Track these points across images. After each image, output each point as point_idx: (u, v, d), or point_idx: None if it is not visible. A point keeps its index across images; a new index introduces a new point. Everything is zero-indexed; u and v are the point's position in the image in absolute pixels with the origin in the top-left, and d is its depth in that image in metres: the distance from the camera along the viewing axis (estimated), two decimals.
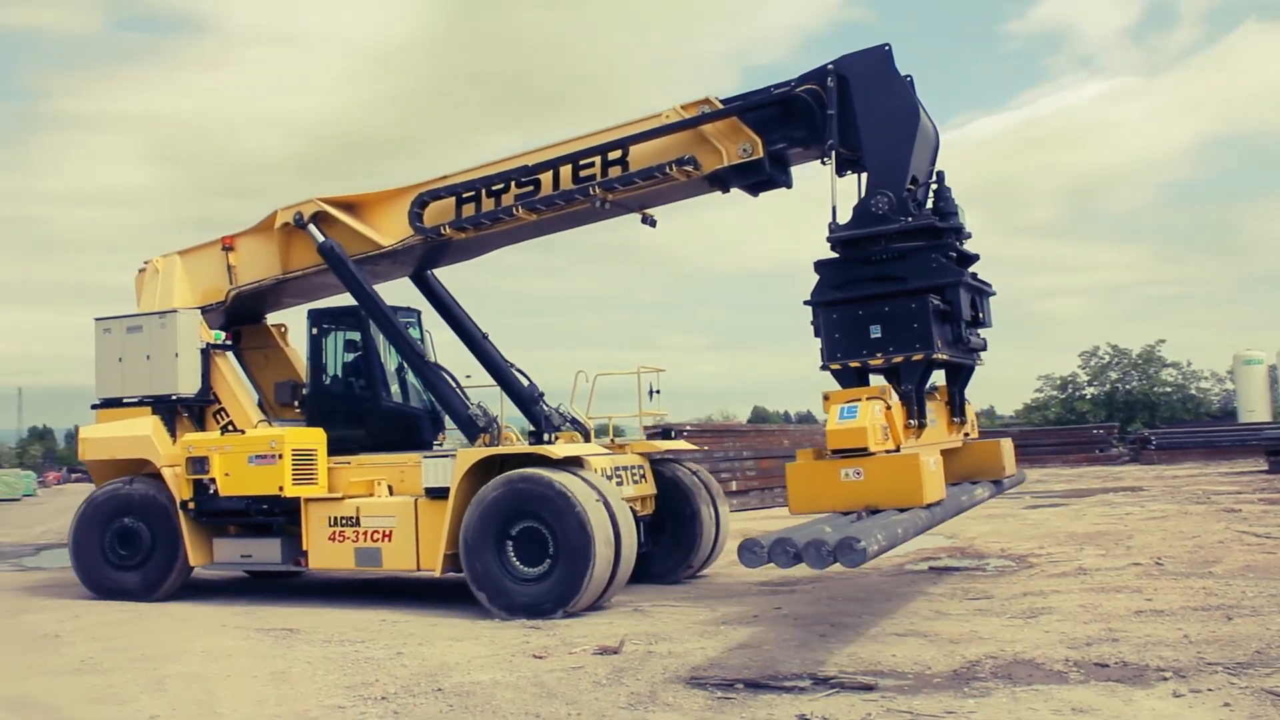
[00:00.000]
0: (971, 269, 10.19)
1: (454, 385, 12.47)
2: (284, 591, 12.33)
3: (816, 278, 9.82)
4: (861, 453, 8.55)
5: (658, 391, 12.62)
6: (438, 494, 11.20)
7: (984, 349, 10.43)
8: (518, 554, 10.59)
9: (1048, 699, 6.57)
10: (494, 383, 13.35)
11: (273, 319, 14.91)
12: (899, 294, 9.37)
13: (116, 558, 12.69)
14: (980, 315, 10.21)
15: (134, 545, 12.62)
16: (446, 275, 14.02)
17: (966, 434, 11.15)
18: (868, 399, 8.85)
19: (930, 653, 7.97)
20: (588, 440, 12.62)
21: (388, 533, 11.49)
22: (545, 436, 11.68)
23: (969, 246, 10.22)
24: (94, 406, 13.45)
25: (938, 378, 10.59)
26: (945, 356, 9.47)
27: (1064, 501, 22.24)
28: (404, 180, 12.68)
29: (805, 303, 9.74)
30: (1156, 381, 51.57)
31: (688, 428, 26.24)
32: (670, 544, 12.66)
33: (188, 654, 9.02)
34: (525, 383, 13.30)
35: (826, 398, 9.07)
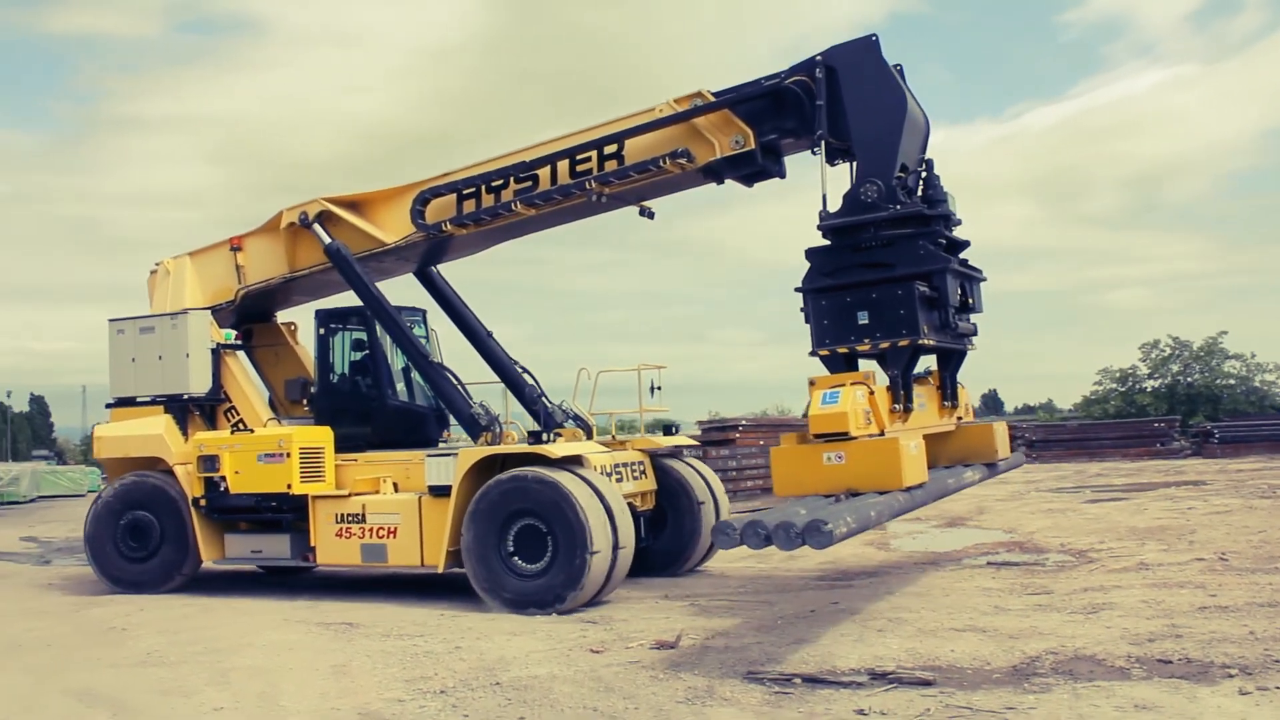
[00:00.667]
0: (962, 255, 10.43)
1: (457, 384, 12.71)
2: (343, 587, 12.51)
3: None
4: (843, 437, 8.80)
5: (659, 388, 12.78)
6: (440, 492, 11.45)
7: (974, 334, 10.63)
8: (518, 551, 10.81)
9: (1110, 695, 6.51)
10: (498, 380, 13.63)
11: (282, 317, 15.27)
12: (886, 280, 9.54)
13: (128, 550, 13.11)
14: (970, 301, 10.37)
15: (144, 539, 13.02)
16: (453, 274, 14.38)
17: (960, 418, 11.33)
18: (851, 384, 9.07)
19: (989, 648, 7.92)
20: (590, 437, 12.85)
21: (393, 529, 11.74)
22: (545, 435, 11.84)
23: (959, 233, 10.46)
24: (108, 406, 13.91)
25: (930, 363, 10.84)
26: (932, 342, 9.66)
27: (1124, 496, 21.97)
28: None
29: (796, 289, 9.91)
30: (1219, 374, 50.55)
31: (743, 422, 26.22)
32: (671, 537, 12.87)
33: (250, 647, 9.18)
34: (529, 380, 13.56)
35: (812, 383, 9.29)
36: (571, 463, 11.11)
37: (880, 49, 10.11)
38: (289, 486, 12.19)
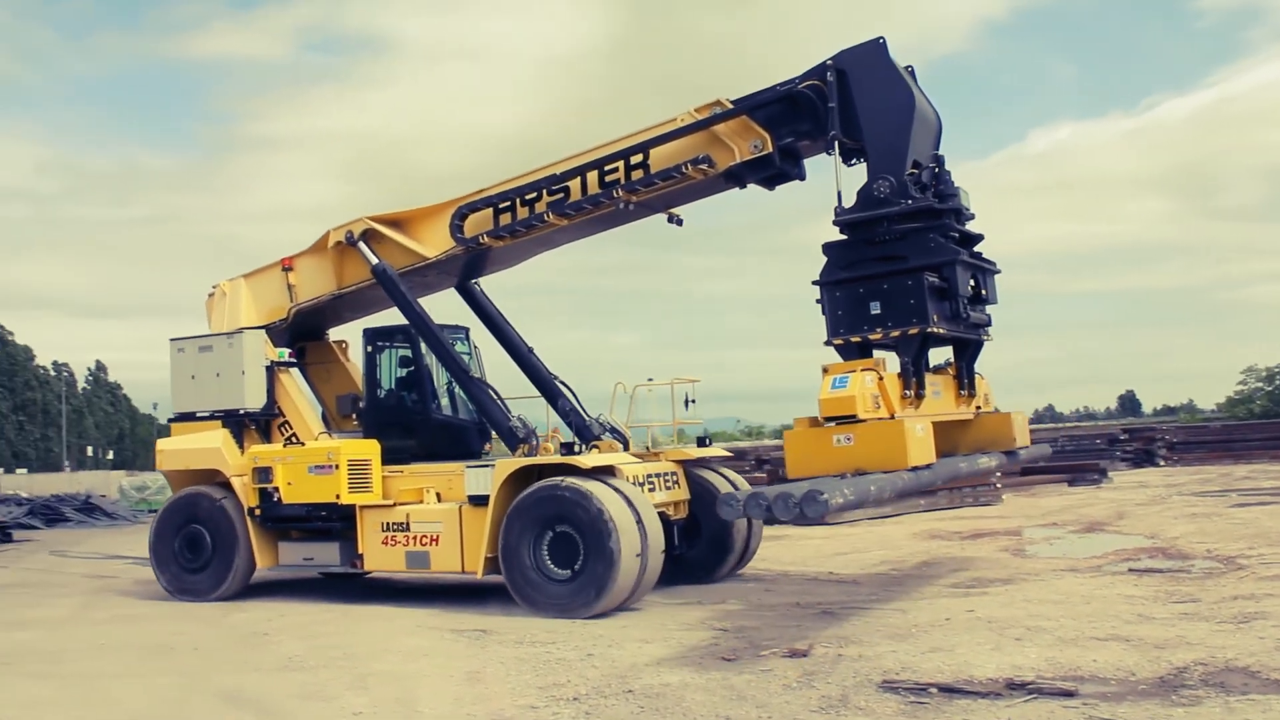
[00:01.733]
0: (976, 248, 10.87)
1: (496, 398, 13.26)
2: (474, 594, 12.64)
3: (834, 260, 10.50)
4: (851, 419, 9.31)
5: (693, 401, 13.17)
6: (479, 501, 12.00)
7: (988, 325, 11.06)
8: (552, 557, 11.30)
9: (1266, 710, 6.30)
10: (538, 394, 14.15)
11: (335, 335, 16.06)
12: (897, 272, 10.02)
13: (185, 561, 13.90)
14: (984, 293, 10.82)
15: (198, 550, 13.79)
16: (493, 290, 14.96)
17: (979, 408, 11.66)
18: (862, 370, 9.58)
19: (1134, 658, 7.71)
20: (626, 448, 13.22)
21: (435, 537, 12.32)
22: (577, 446, 12.45)
23: (971, 227, 10.87)
24: (170, 420, 14.83)
25: (946, 354, 11.30)
26: (942, 331, 10.11)
27: (1275, 499, 21.06)
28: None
29: (814, 283, 10.43)
30: None
31: None
32: (705, 546, 13.23)
33: (387, 653, 9.39)
34: (567, 394, 14.03)
35: (825, 370, 9.81)
36: (603, 473, 11.57)
37: (888, 51, 10.60)
38: (337, 496, 12.87)
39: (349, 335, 15.92)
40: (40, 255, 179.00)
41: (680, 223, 12.85)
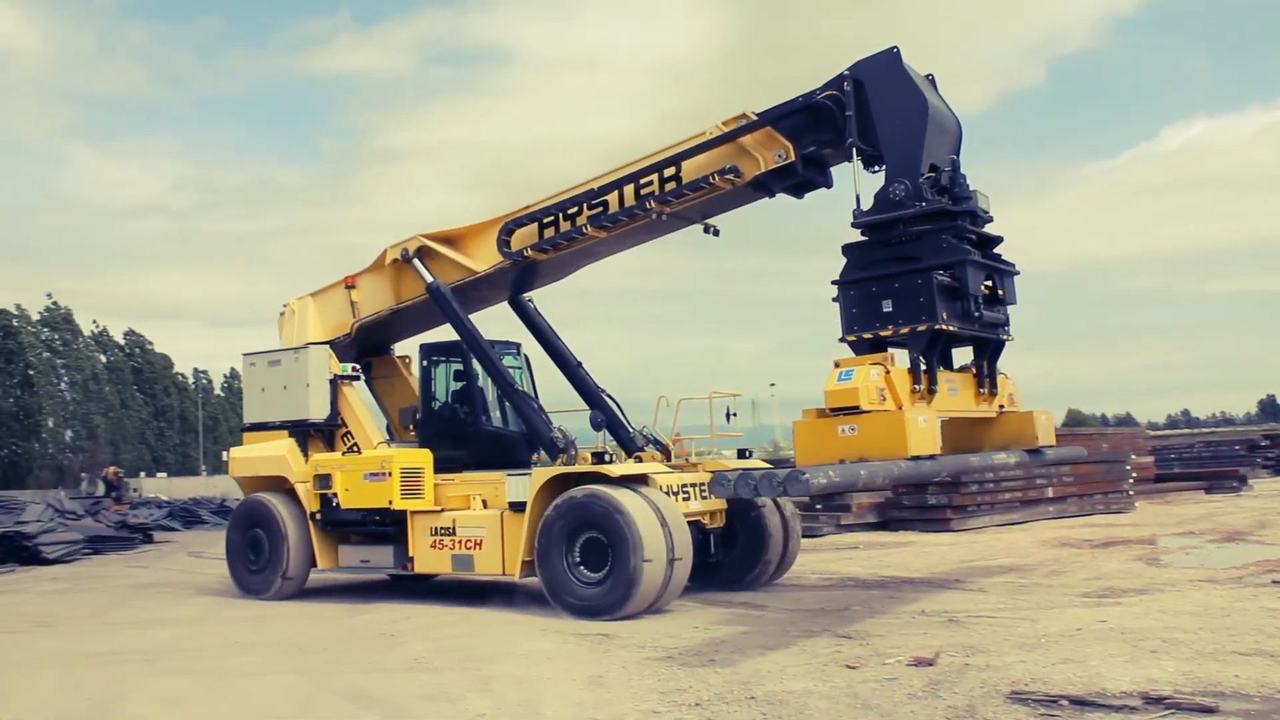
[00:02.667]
0: (996, 250, 11.26)
1: (539, 411, 13.94)
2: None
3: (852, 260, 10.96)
4: (854, 410, 9.81)
5: (735, 414, 13.68)
6: (518, 507, 12.64)
7: (1005, 324, 11.36)
8: (583, 560, 11.82)
9: None
10: (586, 406, 14.78)
11: (399, 350, 16.90)
12: (908, 272, 10.48)
13: (249, 562, 14.82)
14: (1001, 293, 11.20)
15: (259, 553, 14.67)
16: (545, 305, 15.69)
17: (1002, 406, 11.92)
18: (870, 364, 10.09)
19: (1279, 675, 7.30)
20: (669, 459, 13.81)
21: (479, 541, 12.99)
22: (608, 456, 12.93)
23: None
24: (242, 430, 15.80)
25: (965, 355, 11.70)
26: (952, 328, 10.48)
27: None
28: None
29: (833, 283, 10.93)
30: None
31: None
32: (741, 554, 13.65)
33: (510, 656, 9.49)
34: (613, 407, 14.76)
35: (836, 365, 10.29)
36: (634, 481, 12.08)
37: (901, 60, 11.06)
38: (390, 502, 13.62)
39: (411, 350, 16.61)
40: (176, 267, 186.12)
41: (717, 233, 13.42)
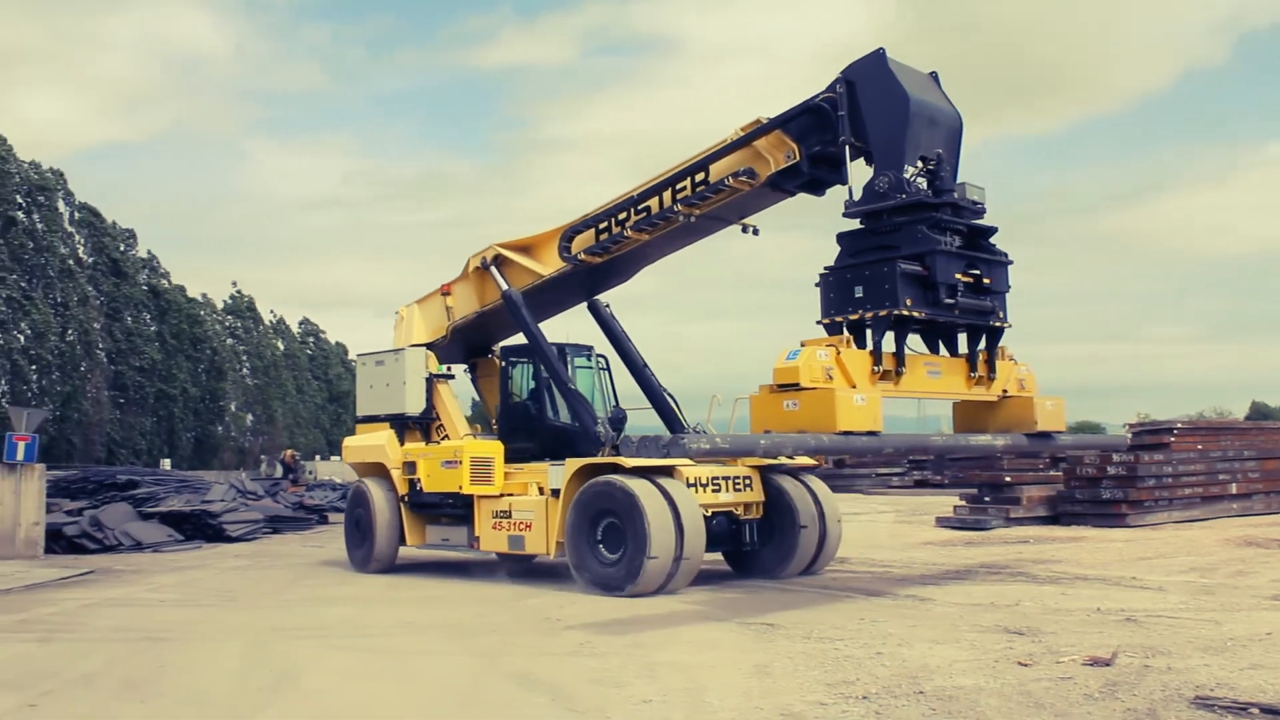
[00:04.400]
0: (991, 240, 11.98)
1: (588, 408, 15.11)
2: (758, 589, 12.75)
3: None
4: (795, 387, 10.78)
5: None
6: (557, 494, 13.93)
7: (991, 311, 11.90)
8: (604, 542, 12.98)
9: None
10: (650, 405, 16.24)
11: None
12: (877, 260, 11.32)
13: (354, 540, 16.76)
14: (988, 282, 11.73)
15: (360, 529, 16.53)
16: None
17: (1005, 391, 12.44)
18: (825, 345, 11.04)
19: None
20: None
21: (528, 524, 14.36)
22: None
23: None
24: (356, 421, 17.82)
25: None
26: (918, 315, 11.21)
27: None
28: None
29: (826, 269, 11.83)
30: None
31: (1178, 425, 24.30)
32: (775, 545, 14.29)
33: (674, 643, 9.60)
34: (672, 405, 16.15)
35: (802, 344, 11.21)
36: (654, 472, 12.97)
37: (886, 60, 11.78)
38: (460, 487, 15.20)
39: None
40: (348, 258, 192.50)
41: (756, 232, 14.26)
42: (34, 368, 43.84)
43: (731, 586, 13.52)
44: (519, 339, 16.46)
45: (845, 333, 11.35)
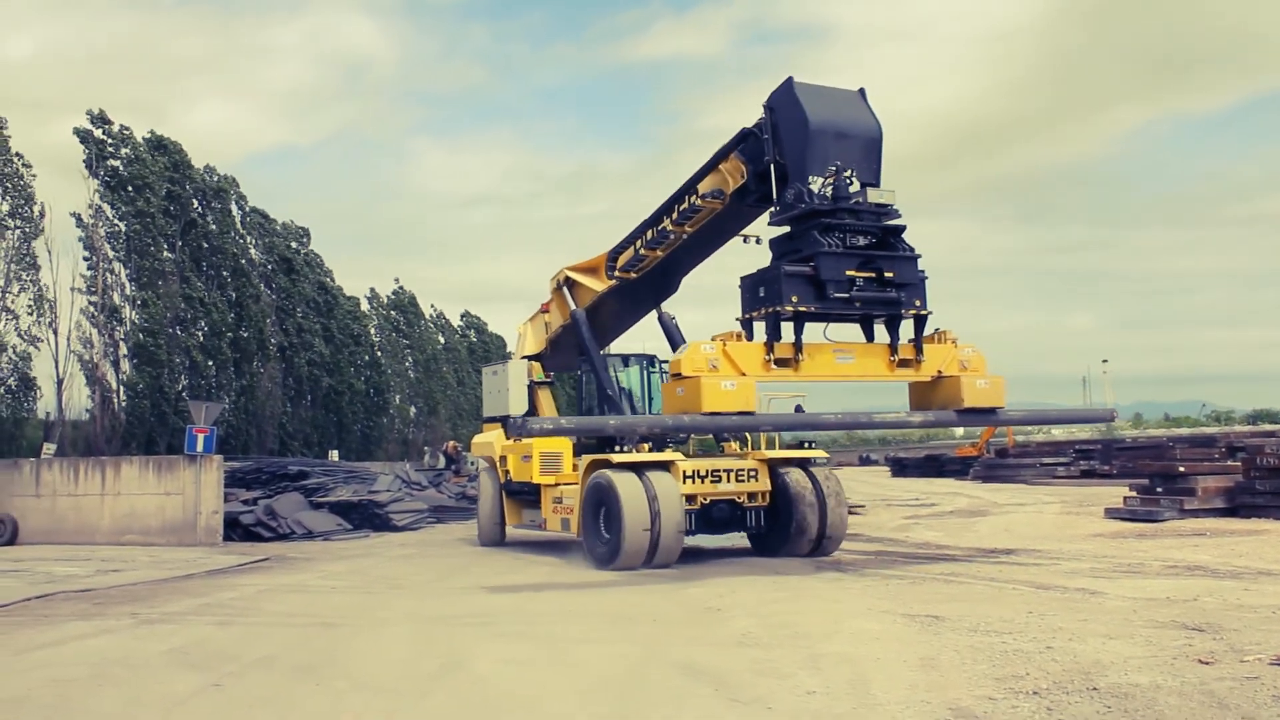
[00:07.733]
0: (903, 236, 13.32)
1: (621, 410, 17.25)
2: (922, 580, 12.48)
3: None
4: (679, 376, 12.86)
5: (801, 409, 15.10)
6: None
7: (900, 301, 13.14)
8: (604, 525, 14.83)
9: None
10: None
11: None
12: (772, 265, 13.21)
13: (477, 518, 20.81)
14: (890, 275, 13.00)
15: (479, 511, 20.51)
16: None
17: (940, 371, 13.62)
18: (714, 340, 12.91)
19: None
20: (744, 446, 17.02)
21: (573, 508, 16.26)
22: (646, 447, 15.84)
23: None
24: (483, 421, 20.39)
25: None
26: (807, 309, 12.73)
27: None
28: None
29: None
30: None
31: None
32: (780, 530, 15.72)
33: (838, 634, 9.40)
34: None
35: (711, 339, 13.17)
36: (649, 467, 14.81)
37: (794, 88, 13.29)
38: (531, 477, 17.85)
39: None
40: (506, 253, 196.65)
41: (759, 241, 14.95)
42: (210, 363, 45.72)
43: (892, 579, 13.23)
44: (622, 344, 19.17)
45: (739, 328, 13.10)
